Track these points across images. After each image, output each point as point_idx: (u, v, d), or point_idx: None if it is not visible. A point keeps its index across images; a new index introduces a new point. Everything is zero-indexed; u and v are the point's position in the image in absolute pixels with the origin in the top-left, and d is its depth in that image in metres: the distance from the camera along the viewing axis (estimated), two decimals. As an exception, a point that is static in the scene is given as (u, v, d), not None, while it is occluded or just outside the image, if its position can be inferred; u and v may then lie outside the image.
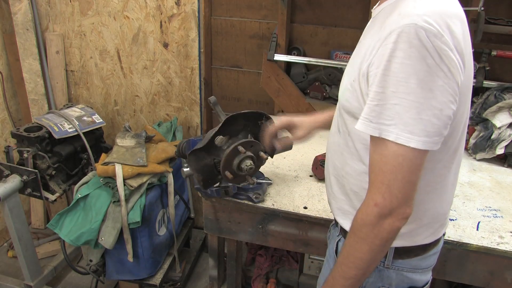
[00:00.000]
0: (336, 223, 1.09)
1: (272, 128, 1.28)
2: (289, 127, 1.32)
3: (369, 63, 0.81)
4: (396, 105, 0.76)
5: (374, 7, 0.96)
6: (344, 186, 1.00)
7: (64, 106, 2.22)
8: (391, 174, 0.78)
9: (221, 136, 1.21)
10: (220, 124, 1.22)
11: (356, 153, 0.94)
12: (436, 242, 1.01)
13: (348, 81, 0.91)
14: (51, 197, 1.91)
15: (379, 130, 0.78)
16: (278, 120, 1.30)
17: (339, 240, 1.05)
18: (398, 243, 0.93)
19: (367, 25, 0.98)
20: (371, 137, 0.81)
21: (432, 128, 0.76)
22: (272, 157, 1.36)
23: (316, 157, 1.57)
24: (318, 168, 1.53)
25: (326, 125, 1.25)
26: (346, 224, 1.01)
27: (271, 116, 1.31)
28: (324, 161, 1.30)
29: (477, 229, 1.30)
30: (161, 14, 2.16)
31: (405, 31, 0.74)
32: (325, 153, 1.34)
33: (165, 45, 2.23)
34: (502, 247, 1.22)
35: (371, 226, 0.82)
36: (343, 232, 1.04)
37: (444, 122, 0.77)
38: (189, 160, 1.21)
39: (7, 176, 1.81)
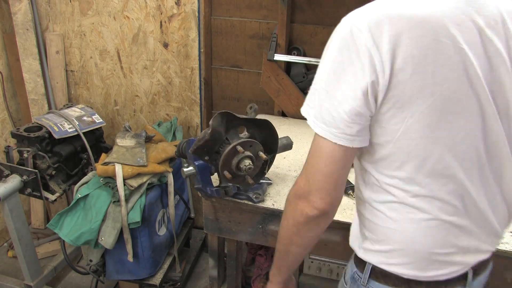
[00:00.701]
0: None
1: None
2: None
3: None
4: (316, 90, 0.82)
5: None
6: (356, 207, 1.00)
7: (64, 106, 2.22)
8: (311, 158, 0.83)
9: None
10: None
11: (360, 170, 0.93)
12: (481, 270, 0.91)
13: None
14: (51, 197, 1.91)
15: (306, 113, 0.86)
16: None
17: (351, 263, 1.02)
18: (372, 259, 0.89)
19: None
20: None
21: (328, 117, 0.78)
22: None
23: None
24: None
25: None
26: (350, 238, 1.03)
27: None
28: None
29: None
30: (161, 14, 2.16)
31: (340, 24, 0.78)
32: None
33: (165, 45, 2.23)
34: (502, 247, 1.22)
35: (289, 202, 0.89)
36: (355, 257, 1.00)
37: (341, 116, 0.77)
38: (214, 117, 1.19)
39: (7, 176, 1.81)
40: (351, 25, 0.75)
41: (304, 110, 0.86)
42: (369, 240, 0.90)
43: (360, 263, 0.94)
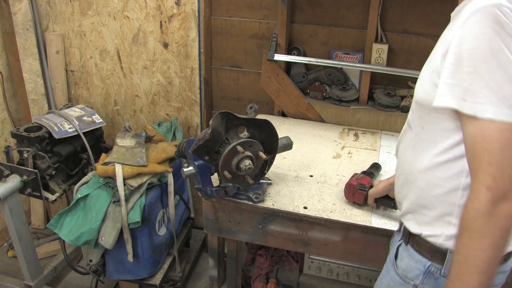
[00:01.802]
0: (399, 228, 1.07)
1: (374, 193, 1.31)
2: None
3: (448, 45, 0.82)
4: (490, 81, 0.76)
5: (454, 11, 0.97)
6: (413, 183, 0.97)
7: (64, 106, 2.22)
8: (499, 152, 0.73)
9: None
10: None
11: (431, 144, 0.91)
12: (508, 256, 0.90)
13: (427, 72, 0.92)
14: (51, 197, 1.91)
15: (474, 109, 0.77)
16: (377, 189, 1.31)
17: (400, 245, 1.02)
18: None
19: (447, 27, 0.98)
20: (465, 118, 0.79)
21: None
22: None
23: (350, 183, 1.39)
24: (357, 193, 1.37)
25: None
26: (412, 225, 0.98)
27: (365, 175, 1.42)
28: (363, 185, 1.35)
29: None
30: (161, 14, 2.16)
31: (490, 10, 0.76)
32: (357, 175, 1.41)
33: (165, 45, 2.23)
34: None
35: (487, 214, 0.73)
36: (406, 236, 1.00)
37: None
38: (214, 116, 1.19)
39: (7, 176, 1.81)
40: (497, 9, 0.76)
41: (469, 107, 0.78)
42: (453, 226, 0.88)
43: (436, 253, 0.91)
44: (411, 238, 0.99)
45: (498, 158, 0.73)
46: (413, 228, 0.97)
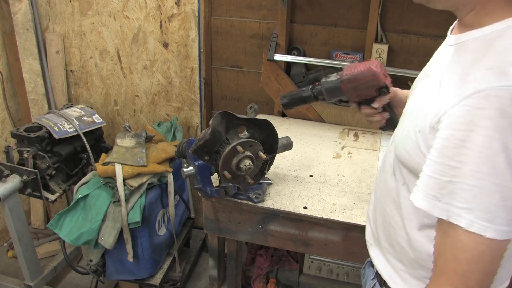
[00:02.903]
0: (372, 263, 1.00)
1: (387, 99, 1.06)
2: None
3: (439, 118, 0.67)
4: (475, 187, 0.62)
5: (453, 27, 0.81)
6: (390, 235, 0.89)
7: (64, 106, 2.22)
8: (468, 264, 0.65)
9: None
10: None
11: (412, 208, 0.81)
12: None
13: (412, 128, 0.76)
14: (51, 197, 1.91)
15: (447, 213, 0.65)
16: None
17: (374, 285, 0.97)
18: None
19: (440, 54, 0.82)
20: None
21: (502, 214, 0.62)
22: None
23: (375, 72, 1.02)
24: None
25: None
26: (385, 272, 0.92)
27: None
28: (386, 89, 1.03)
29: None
30: (161, 14, 2.16)
31: (497, 95, 0.60)
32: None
33: (165, 45, 2.23)
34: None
35: None
36: (379, 276, 0.95)
37: None
38: (214, 116, 1.17)
39: (7, 176, 1.81)
40: (506, 95, 0.60)
41: (440, 209, 0.66)
42: None
43: None
44: (386, 284, 0.94)
45: (465, 269, 0.65)
46: (387, 276, 0.92)
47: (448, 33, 0.82)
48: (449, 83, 0.69)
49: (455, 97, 0.65)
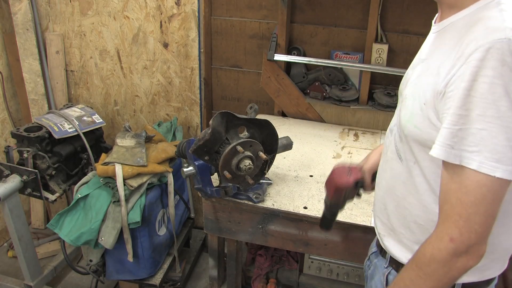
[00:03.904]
0: (381, 252, 1.04)
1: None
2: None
3: (447, 82, 0.73)
4: (482, 130, 0.68)
5: (435, 19, 0.90)
6: (406, 218, 0.92)
7: (64, 106, 2.22)
8: (472, 207, 0.70)
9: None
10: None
11: (425, 184, 0.86)
12: (490, 281, 0.92)
13: (417, 105, 0.82)
14: (51, 197, 1.91)
15: (460, 157, 0.70)
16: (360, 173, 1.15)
17: (389, 272, 0.99)
18: (467, 279, 0.87)
19: (430, 41, 0.90)
20: (446, 164, 0.74)
21: (509, 154, 0.68)
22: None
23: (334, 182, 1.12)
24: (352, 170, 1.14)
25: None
26: (404, 257, 0.94)
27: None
28: (360, 182, 1.12)
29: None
30: (161, 14, 2.16)
31: (496, 47, 0.67)
32: (355, 167, 1.14)
33: (165, 45, 2.23)
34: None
35: (442, 263, 0.74)
36: (394, 263, 0.97)
37: None
38: (214, 116, 1.17)
39: (7, 176, 1.81)
40: (505, 47, 0.67)
41: (454, 155, 0.71)
42: None
43: None
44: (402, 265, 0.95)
45: (469, 212, 0.70)
46: (406, 259, 0.93)
47: (432, 23, 0.92)
48: (448, 55, 0.76)
49: (459, 60, 0.72)
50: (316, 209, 1.38)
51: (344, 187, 1.10)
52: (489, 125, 0.68)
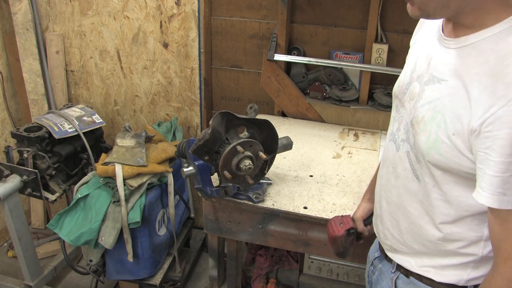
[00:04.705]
0: (386, 257, 1.04)
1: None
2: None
3: (484, 121, 0.72)
4: None
5: (442, 27, 0.85)
6: (421, 236, 0.94)
7: (64, 106, 2.22)
8: None
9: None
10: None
11: (447, 207, 0.87)
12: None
13: (442, 133, 0.80)
14: (51, 197, 1.91)
15: None
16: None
17: (397, 277, 1.00)
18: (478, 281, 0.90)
19: (440, 54, 0.84)
20: (496, 209, 0.75)
21: None
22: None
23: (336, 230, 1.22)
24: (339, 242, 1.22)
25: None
26: (416, 265, 0.96)
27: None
28: (351, 230, 1.19)
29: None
30: (161, 14, 2.16)
31: None
32: (346, 217, 1.22)
33: (165, 45, 2.23)
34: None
35: None
36: (402, 268, 0.99)
37: None
38: (214, 116, 1.18)
39: (7, 176, 1.81)
40: None
41: (507, 201, 0.73)
42: (477, 269, 0.90)
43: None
44: (413, 272, 0.97)
45: None
46: (419, 269, 0.96)
47: (441, 34, 0.85)
48: (483, 88, 0.73)
49: (500, 100, 0.70)
50: (316, 209, 1.38)
51: (338, 237, 1.19)
52: None
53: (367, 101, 2.03)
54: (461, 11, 0.75)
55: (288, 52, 2.08)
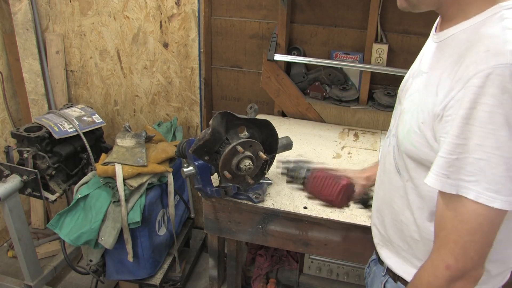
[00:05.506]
0: (379, 260, 1.03)
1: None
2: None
3: (445, 105, 0.71)
4: (480, 160, 0.66)
5: (435, 27, 0.87)
6: (403, 232, 0.92)
7: (64, 106, 2.22)
8: (468, 235, 0.70)
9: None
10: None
11: (419, 202, 0.86)
12: None
13: (414, 122, 0.80)
14: (51, 197, 1.91)
15: (457, 187, 0.69)
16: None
17: (386, 281, 0.99)
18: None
19: (432, 51, 0.86)
20: (442, 192, 0.73)
21: (509, 185, 0.66)
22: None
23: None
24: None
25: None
26: (401, 270, 0.94)
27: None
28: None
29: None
30: (161, 14, 2.16)
31: (497, 73, 0.64)
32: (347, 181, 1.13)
33: (165, 45, 2.23)
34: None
35: None
36: (391, 272, 0.97)
37: None
38: (214, 116, 1.17)
39: (7, 176, 1.81)
40: (506, 72, 0.64)
41: (451, 185, 0.70)
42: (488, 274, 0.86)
43: None
44: (400, 277, 0.95)
45: (465, 240, 0.70)
46: (403, 271, 0.94)
47: (433, 31, 0.89)
48: (447, 74, 0.74)
49: (458, 83, 0.70)
50: (316, 209, 1.38)
51: (345, 186, 1.11)
52: (488, 155, 0.66)
53: (367, 101, 2.03)
54: (444, 2, 0.78)
55: (288, 52, 2.08)
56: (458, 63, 0.72)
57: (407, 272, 0.93)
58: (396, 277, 0.96)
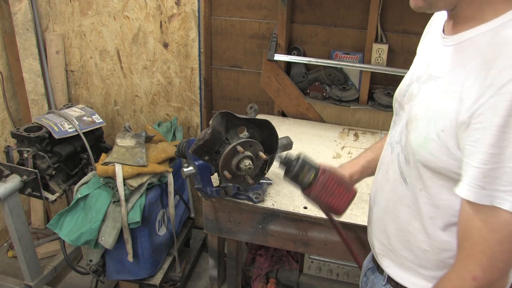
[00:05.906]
0: (378, 268, 1.02)
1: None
2: None
3: (473, 112, 0.69)
4: None
5: (444, 27, 0.84)
6: (409, 242, 0.90)
7: (64, 106, 2.22)
8: (497, 245, 0.69)
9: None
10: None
11: (432, 211, 0.83)
12: None
13: (432, 130, 0.77)
14: (51, 197, 1.91)
15: (491, 198, 0.67)
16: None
17: None
18: None
19: (446, 55, 0.81)
20: (471, 202, 0.70)
21: None
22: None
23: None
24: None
25: (364, 174, 1.13)
26: (407, 280, 0.93)
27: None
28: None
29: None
30: (161, 14, 2.16)
31: None
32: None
33: (165, 45, 2.23)
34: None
35: None
36: (393, 281, 0.96)
37: None
38: (214, 116, 1.17)
39: (7, 176, 1.81)
40: None
41: (485, 195, 0.68)
42: None
43: None
44: (403, 286, 0.94)
45: (494, 250, 0.69)
46: (407, 280, 0.93)
47: (441, 33, 0.84)
48: (473, 79, 0.71)
49: (488, 89, 0.67)
50: (316, 209, 1.38)
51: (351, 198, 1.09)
52: None
53: (367, 101, 2.03)
54: (462, 1, 0.74)
55: (288, 52, 2.08)
56: (486, 68, 0.69)
57: (411, 281, 0.92)
58: (398, 287, 0.95)
